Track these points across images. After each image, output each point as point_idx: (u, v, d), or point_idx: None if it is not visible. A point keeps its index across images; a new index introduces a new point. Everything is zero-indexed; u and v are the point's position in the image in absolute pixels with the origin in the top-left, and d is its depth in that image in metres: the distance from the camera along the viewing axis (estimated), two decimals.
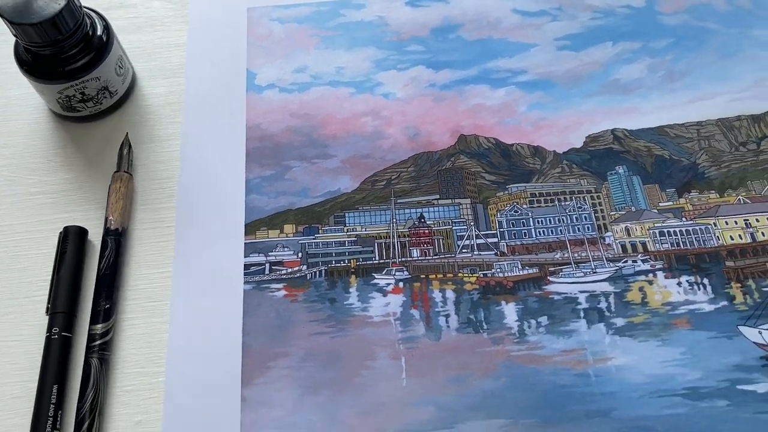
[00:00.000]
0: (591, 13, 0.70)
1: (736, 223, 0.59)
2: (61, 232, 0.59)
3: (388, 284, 0.58)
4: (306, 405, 0.53)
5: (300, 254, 0.60)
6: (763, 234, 0.59)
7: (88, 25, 0.61)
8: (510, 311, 0.56)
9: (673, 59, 0.67)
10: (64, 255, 0.58)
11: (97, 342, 0.54)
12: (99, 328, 0.55)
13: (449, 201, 0.62)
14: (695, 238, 0.59)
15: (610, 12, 0.70)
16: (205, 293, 0.58)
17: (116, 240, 0.59)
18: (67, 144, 0.66)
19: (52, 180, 0.64)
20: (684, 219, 0.60)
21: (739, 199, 0.60)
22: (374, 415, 0.53)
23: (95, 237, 0.60)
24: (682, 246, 0.58)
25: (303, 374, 0.54)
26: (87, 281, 0.58)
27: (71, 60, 0.61)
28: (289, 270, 0.59)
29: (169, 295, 0.58)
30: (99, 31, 0.62)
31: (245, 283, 0.58)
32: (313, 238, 0.60)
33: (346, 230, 0.61)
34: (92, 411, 0.52)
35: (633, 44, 0.68)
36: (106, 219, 0.60)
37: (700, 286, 0.57)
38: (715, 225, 0.59)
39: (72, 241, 0.59)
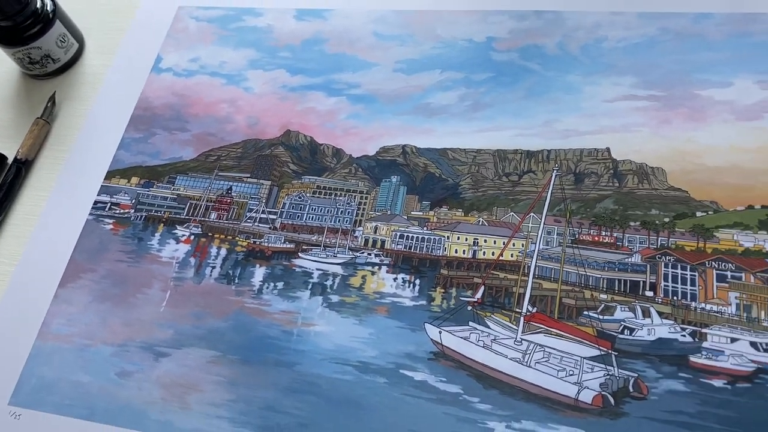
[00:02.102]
0: (435, 42, 0.80)
1: (466, 239, 0.67)
2: None
3: (183, 235, 0.74)
4: (91, 310, 0.71)
5: (133, 201, 0.77)
6: (483, 253, 0.66)
7: (38, 5, 0.82)
8: (259, 273, 0.70)
9: (485, 92, 0.75)
10: None
11: None
12: None
13: (255, 180, 0.76)
14: (426, 245, 0.68)
15: (452, 44, 0.79)
16: (63, 215, 0.77)
17: (17, 167, 0.80)
18: (20, 93, 0.88)
19: (1, 117, 0.87)
20: (425, 228, 0.69)
21: (479, 220, 0.68)
22: (131, 327, 0.69)
23: None
24: (412, 249, 0.68)
25: (98, 287, 0.72)
26: None
27: (23, 31, 0.82)
28: (122, 211, 0.77)
29: (42, 212, 0.78)
30: (48, 9, 0.83)
31: (90, 214, 0.77)
32: (147, 191, 0.77)
33: (172, 189, 0.77)
34: None
35: (457, 74, 0.77)
36: (18, 151, 0.81)
37: (411, 284, 0.66)
38: (448, 238, 0.68)
39: None
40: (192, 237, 0.74)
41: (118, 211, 0.76)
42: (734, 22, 0.72)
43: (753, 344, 0.57)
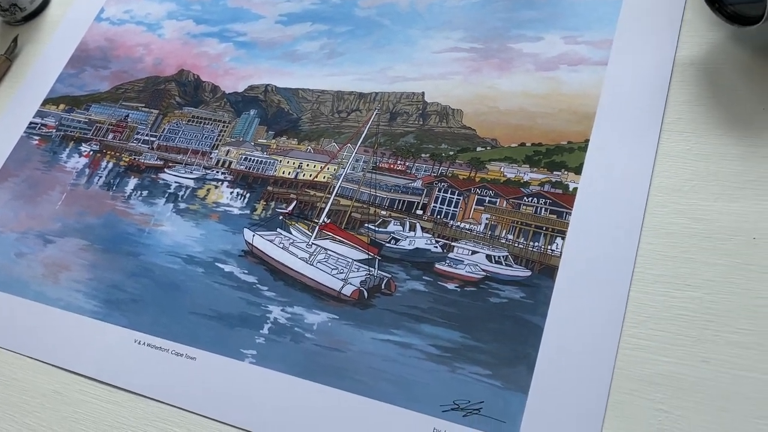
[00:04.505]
0: None
1: (294, 163, 0.79)
2: None
3: (85, 151, 0.90)
4: (10, 204, 0.88)
5: (57, 123, 0.94)
6: (303, 175, 0.78)
7: None
8: (132, 183, 0.85)
9: (341, 42, 0.86)
10: None
11: None
12: None
13: (147, 109, 0.91)
14: (262, 167, 0.80)
15: (327, 1, 0.91)
16: (6, 133, 0.95)
17: None
18: None
19: None
20: (265, 153, 0.82)
21: (309, 148, 0.80)
22: (33, 220, 0.86)
23: None
24: (251, 170, 0.81)
25: (18, 188, 0.89)
26: None
27: None
28: (47, 131, 0.94)
29: None
30: None
31: (24, 132, 0.94)
32: (69, 115, 0.94)
33: (86, 115, 0.93)
34: None
35: (323, 26, 0.89)
36: None
37: (242, 196, 0.79)
38: (280, 162, 0.80)
39: None
40: (91, 152, 0.90)
41: (44, 131, 0.93)
42: None
43: (488, 257, 0.66)
